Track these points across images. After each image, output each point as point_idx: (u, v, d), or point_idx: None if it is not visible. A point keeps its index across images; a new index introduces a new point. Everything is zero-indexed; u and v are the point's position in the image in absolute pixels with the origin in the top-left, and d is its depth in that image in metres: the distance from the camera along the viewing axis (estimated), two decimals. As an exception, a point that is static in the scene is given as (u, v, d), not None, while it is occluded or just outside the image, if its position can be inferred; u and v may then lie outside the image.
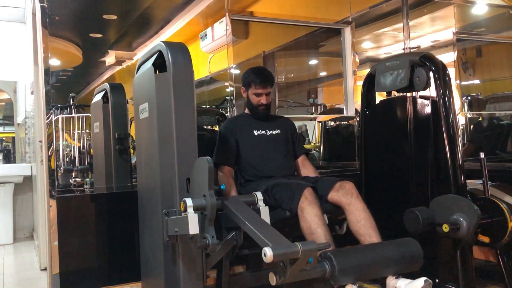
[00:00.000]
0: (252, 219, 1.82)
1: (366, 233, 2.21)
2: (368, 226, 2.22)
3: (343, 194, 2.30)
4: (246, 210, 1.90)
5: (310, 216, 2.13)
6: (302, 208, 2.16)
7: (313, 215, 2.13)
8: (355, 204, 2.27)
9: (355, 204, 2.27)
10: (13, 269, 3.74)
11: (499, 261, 2.46)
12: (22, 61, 4.75)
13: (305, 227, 2.15)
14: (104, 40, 2.96)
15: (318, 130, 3.81)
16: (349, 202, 2.28)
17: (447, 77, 2.40)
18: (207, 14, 3.20)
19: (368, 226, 2.22)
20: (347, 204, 2.28)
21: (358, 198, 2.29)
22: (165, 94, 1.98)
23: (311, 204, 2.15)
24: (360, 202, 2.28)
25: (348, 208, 2.28)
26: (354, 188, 2.31)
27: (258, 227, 1.74)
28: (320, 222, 2.12)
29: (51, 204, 2.62)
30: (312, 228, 2.12)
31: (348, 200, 2.28)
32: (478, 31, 4.15)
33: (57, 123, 2.71)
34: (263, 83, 2.59)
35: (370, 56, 3.83)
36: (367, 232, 2.21)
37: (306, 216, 2.14)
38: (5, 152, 6.62)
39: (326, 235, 2.10)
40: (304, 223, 2.15)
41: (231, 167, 2.58)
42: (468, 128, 3.94)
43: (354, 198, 2.28)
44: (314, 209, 2.14)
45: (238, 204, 1.93)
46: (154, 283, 2.20)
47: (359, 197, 2.29)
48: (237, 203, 1.94)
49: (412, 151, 2.57)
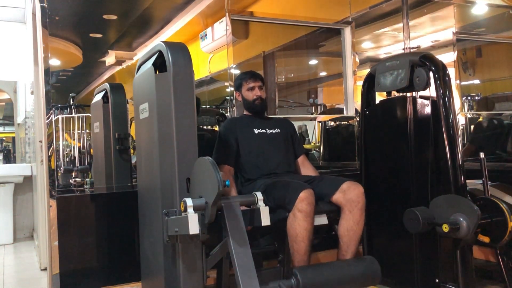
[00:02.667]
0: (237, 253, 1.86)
1: (346, 245, 2.30)
2: (352, 239, 2.29)
3: (348, 201, 2.29)
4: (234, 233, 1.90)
5: (300, 228, 2.16)
6: (295, 215, 2.16)
7: (302, 228, 2.16)
8: (355, 215, 2.28)
9: (355, 214, 2.28)
10: (13, 269, 3.74)
11: (499, 261, 2.46)
12: (22, 61, 4.75)
13: (291, 233, 2.19)
14: (104, 40, 2.96)
15: (318, 130, 3.80)
16: (351, 210, 2.28)
17: (447, 77, 2.40)
18: (207, 14, 3.20)
19: (352, 239, 2.29)
20: (349, 211, 2.29)
21: (361, 209, 2.29)
22: (165, 94, 1.98)
23: (305, 217, 2.15)
24: (361, 214, 2.29)
25: (347, 214, 2.29)
26: (362, 196, 2.30)
27: (240, 267, 1.83)
28: (306, 237, 2.17)
29: (51, 204, 2.62)
30: (298, 239, 2.18)
31: (351, 208, 2.28)
32: (478, 31, 4.15)
33: (57, 123, 2.71)
34: (252, 77, 2.69)
35: (370, 56, 3.83)
36: (347, 244, 2.30)
37: (296, 226, 2.17)
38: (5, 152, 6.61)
39: (307, 251, 2.19)
40: (292, 230, 2.19)
41: (231, 166, 2.58)
42: (468, 128, 3.94)
43: (358, 209, 2.28)
44: (305, 222, 2.16)
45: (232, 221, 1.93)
46: (154, 283, 2.20)
47: (363, 209, 2.29)
48: (233, 218, 1.94)
49: (412, 151, 2.57)
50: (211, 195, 1.77)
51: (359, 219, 2.28)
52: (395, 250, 2.68)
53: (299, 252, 2.19)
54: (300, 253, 2.19)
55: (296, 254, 2.21)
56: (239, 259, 1.84)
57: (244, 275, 1.81)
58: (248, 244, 1.89)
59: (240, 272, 1.81)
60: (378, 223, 2.76)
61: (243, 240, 1.89)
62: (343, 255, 2.32)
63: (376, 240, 2.79)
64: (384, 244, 2.75)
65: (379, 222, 2.76)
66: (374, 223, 2.76)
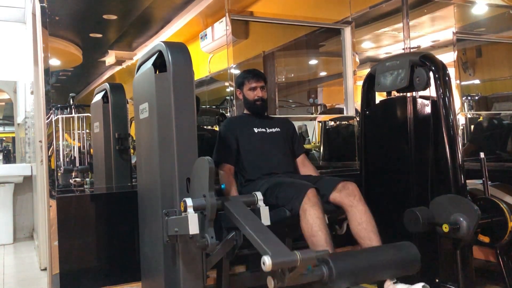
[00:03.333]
0: (252, 224, 1.80)
1: (367, 236, 2.22)
2: (369, 229, 2.22)
3: (345, 195, 2.29)
4: (246, 213, 1.88)
5: (312, 218, 2.12)
6: (305, 210, 2.15)
7: (315, 217, 2.12)
8: (357, 206, 2.26)
9: (357, 206, 2.27)
10: (13, 269, 3.74)
11: (499, 261, 2.46)
12: (22, 61, 4.75)
13: (306, 229, 2.14)
14: (104, 40, 2.96)
15: (318, 130, 3.80)
16: (351, 204, 2.28)
17: (447, 77, 2.40)
18: (207, 14, 3.20)
19: (369, 229, 2.22)
20: (349, 206, 2.28)
21: (360, 200, 2.28)
22: (165, 94, 1.98)
23: (314, 206, 2.14)
24: (363, 204, 2.28)
25: (350, 210, 2.28)
26: (357, 190, 2.31)
27: (258, 233, 1.73)
28: (322, 225, 2.11)
29: (51, 204, 2.61)
30: (314, 230, 2.11)
31: (351, 202, 2.28)
32: (478, 31, 4.15)
33: (57, 123, 2.71)
34: (255, 77, 2.68)
35: (370, 56, 3.83)
36: (367, 235, 2.22)
37: (308, 218, 2.13)
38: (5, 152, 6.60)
39: (327, 238, 2.10)
40: (305, 225, 2.14)
41: (231, 165, 2.58)
42: (468, 128, 3.94)
43: (356, 200, 2.28)
44: (316, 211, 2.13)
45: (237, 206, 1.91)
46: (154, 283, 2.20)
47: (361, 199, 2.29)
48: (237, 205, 1.92)
49: (412, 151, 2.57)
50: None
51: (363, 208, 2.26)
52: (395, 250, 2.68)
53: (320, 244, 2.07)
54: (321, 244, 2.07)
55: (316, 247, 2.08)
56: (255, 229, 1.73)
57: (266, 240, 1.68)
58: (260, 222, 1.85)
59: (261, 239, 1.67)
60: (378, 223, 2.75)
61: (253, 217, 1.85)
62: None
63: (376, 240, 2.78)
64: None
65: (379, 222, 2.75)
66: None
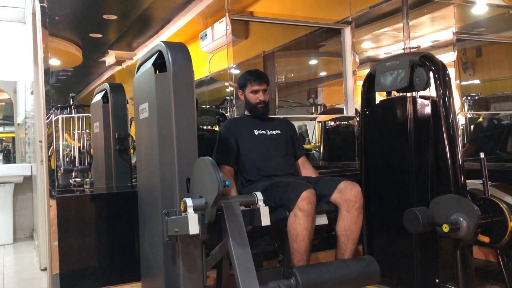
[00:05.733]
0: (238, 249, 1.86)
1: (345, 243, 2.31)
2: (350, 238, 2.30)
3: (346, 200, 2.29)
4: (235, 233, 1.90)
5: (300, 227, 2.17)
6: (296, 214, 2.17)
7: (303, 227, 2.17)
8: (353, 215, 2.29)
9: (353, 214, 2.29)
10: (13, 269, 3.74)
11: (499, 261, 2.46)
12: (22, 61, 4.76)
13: (292, 233, 2.20)
14: (104, 40, 2.96)
15: (318, 130, 3.80)
16: (348, 210, 2.29)
17: (447, 77, 2.41)
18: (207, 14, 3.20)
19: (350, 238, 2.30)
20: (346, 211, 2.30)
21: (359, 209, 2.29)
22: (165, 94, 1.98)
23: (306, 216, 2.16)
24: (359, 213, 2.30)
25: (345, 214, 2.30)
26: (359, 196, 2.30)
27: (241, 267, 1.83)
28: (307, 236, 2.18)
29: (51, 204, 2.62)
30: (298, 239, 2.19)
31: (349, 208, 2.29)
32: (478, 31, 4.15)
33: (57, 123, 2.71)
34: (258, 79, 2.65)
35: (370, 56, 3.83)
36: (346, 242, 2.31)
37: (296, 225, 2.18)
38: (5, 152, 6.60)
39: (307, 248, 2.20)
40: (292, 230, 2.19)
41: (231, 166, 2.58)
42: (468, 128, 3.94)
43: (355, 209, 2.29)
44: (306, 221, 2.16)
45: (232, 215, 1.93)
46: (154, 283, 2.20)
47: (360, 208, 2.30)
48: (233, 219, 1.93)
49: (412, 151, 2.57)
50: (211, 195, 1.77)
51: (356, 218, 2.29)
52: (395, 250, 2.68)
53: (299, 251, 2.20)
54: (300, 252, 2.20)
55: (296, 253, 2.21)
56: (239, 260, 1.84)
57: (244, 275, 1.81)
58: (248, 244, 1.89)
59: (240, 272, 1.81)
60: (378, 223, 2.76)
61: (243, 240, 1.89)
62: (341, 254, 2.32)
63: (376, 240, 2.79)
64: (384, 244, 2.75)
65: (379, 222, 2.76)
66: (374, 223, 2.77)
